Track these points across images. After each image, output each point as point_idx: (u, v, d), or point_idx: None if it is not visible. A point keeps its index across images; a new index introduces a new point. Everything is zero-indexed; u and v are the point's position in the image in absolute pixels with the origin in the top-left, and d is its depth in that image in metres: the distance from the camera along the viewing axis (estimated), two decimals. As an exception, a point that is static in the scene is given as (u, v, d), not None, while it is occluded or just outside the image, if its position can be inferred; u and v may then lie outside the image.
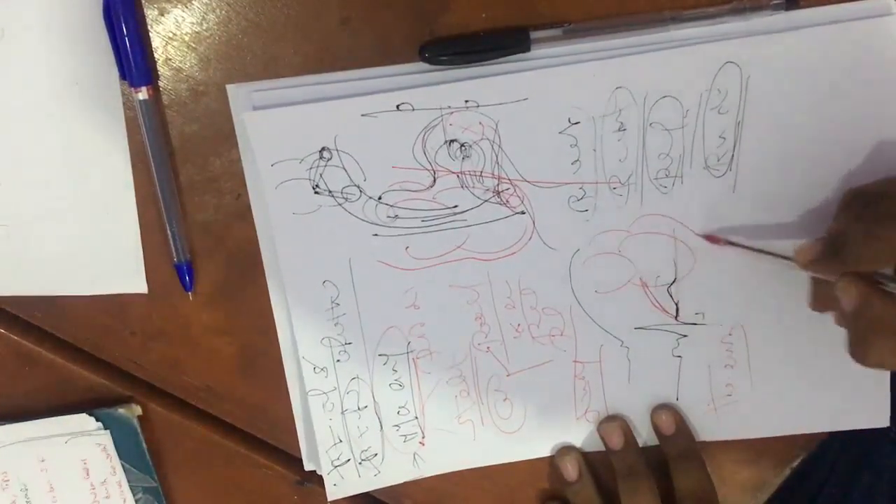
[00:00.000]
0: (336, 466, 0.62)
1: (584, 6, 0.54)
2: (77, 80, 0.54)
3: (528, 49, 0.54)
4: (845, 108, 0.54)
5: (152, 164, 0.56)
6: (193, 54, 0.55)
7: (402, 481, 0.63)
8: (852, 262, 0.49)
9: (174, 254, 0.58)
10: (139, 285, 0.59)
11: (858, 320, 0.49)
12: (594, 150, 0.56)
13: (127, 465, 0.62)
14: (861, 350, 0.49)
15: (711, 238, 0.57)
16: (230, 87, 0.55)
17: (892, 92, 0.54)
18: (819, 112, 0.55)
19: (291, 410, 0.62)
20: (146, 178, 0.56)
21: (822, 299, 0.54)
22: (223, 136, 0.56)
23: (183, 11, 0.54)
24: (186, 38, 0.54)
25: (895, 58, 0.54)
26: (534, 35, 0.53)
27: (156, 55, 0.55)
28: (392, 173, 0.56)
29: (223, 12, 0.54)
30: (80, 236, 0.58)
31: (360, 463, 0.62)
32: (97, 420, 0.60)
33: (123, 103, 0.55)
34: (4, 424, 0.60)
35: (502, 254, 0.58)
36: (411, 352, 0.60)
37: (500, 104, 0.54)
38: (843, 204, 0.53)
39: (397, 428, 0.62)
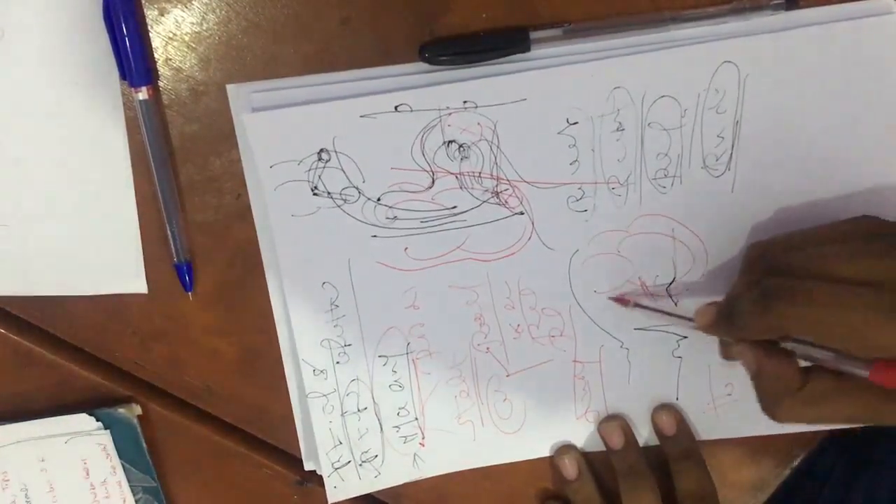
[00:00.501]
0: (336, 469, 0.62)
1: (583, 6, 0.54)
2: (77, 80, 0.54)
3: (527, 49, 0.54)
4: (844, 107, 0.54)
5: (152, 164, 0.56)
6: (193, 54, 0.55)
7: (402, 482, 0.63)
8: (745, 333, 0.49)
9: (174, 254, 0.58)
10: (139, 285, 0.59)
11: (760, 382, 0.50)
12: (593, 151, 0.56)
13: (127, 465, 0.62)
14: (769, 409, 0.49)
15: (619, 300, 0.58)
16: (230, 87, 0.55)
17: (891, 92, 0.54)
18: (817, 111, 0.55)
19: (291, 410, 0.62)
20: (146, 178, 0.56)
21: (728, 353, 0.55)
22: (223, 136, 0.56)
23: (183, 11, 0.54)
24: (186, 38, 0.55)
25: (895, 58, 0.54)
26: (533, 35, 0.53)
27: (156, 55, 0.55)
28: (391, 174, 0.56)
29: (223, 12, 0.54)
30: (80, 236, 0.58)
31: (360, 465, 0.62)
32: (97, 420, 0.60)
33: (123, 103, 0.55)
34: (4, 424, 0.60)
35: (501, 254, 0.58)
36: (411, 352, 0.60)
37: (499, 105, 0.54)
38: (746, 262, 0.53)
39: (397, 429, 0.62)
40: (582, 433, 0.62)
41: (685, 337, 0.60)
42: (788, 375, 0.48)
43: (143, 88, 0.54)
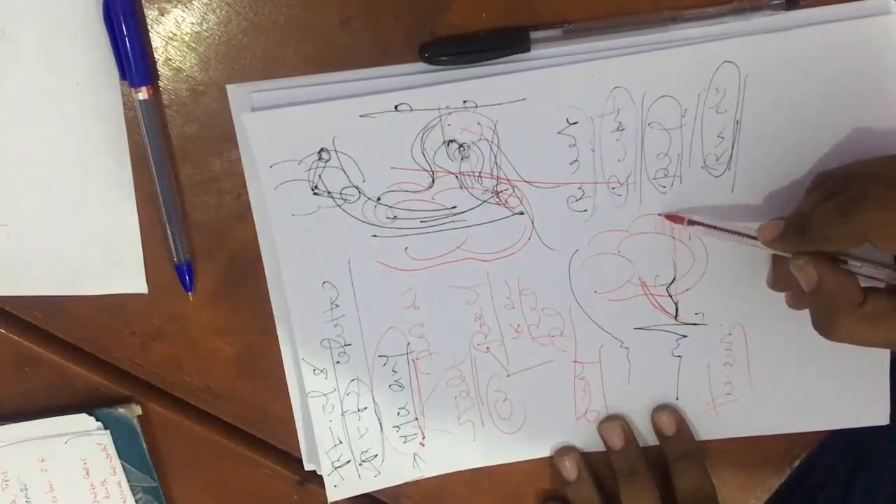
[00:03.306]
0: (336, 468, 0.62)
1: (583, 6, 0.54)
2: (77, 80, 0.55)
3: (527, 49, 0.54)
4: (844, 106, 0.55)
5: (152, 164, 0.56)
6: (193, 54, 0.55)
7: (402, 482, 0.63)
8: (819, 242, 0.49)
9: (174, 254, 0.58)
10: (139, 285, 0.59)
11: (818, 298, 0.49)
12: (593, 151, 0.56)
13: (127, 465, 0.62)
14: (825, 327, 0.49)
15: (673, 218, 0.57)
16: (230, 87, 0.55)
17: (890, 91, 0.54)
18: (817, 111, 0.55)
19: (291, 410, 0.62)
20: (146, 178, 0.56)
21: (780, 279, 0.54)
22: (223, 136, 0.56)
23: (183, 11, 0.54)
24: (186, 38, 0.55)
25: (894, 57, 0.54)
26: (533, 35, 0.53)
27: (156, 55, 0.55)
28: (391, 174, 0.56)
29: (223, 12, 0.54)
30: (80, 236, 0.58)
31: (360, 464, 0.62)
32: (97, 420, 0.60)
33: (123, 103, 0.55)
34: (4, 424, 0.60)
35: (502, 254, 0.58)
36: (411, 352, 0.60)
37: (499, 104, 0.54)
38: (812, 186, 0.53)
39: (397, 429, 0.62)
40: (582, 433, 0.62)
41: (685, 336, 0.60)
42: (850, 290, 0.48)
43: (143, 88, 0.54)
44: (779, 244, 0.52)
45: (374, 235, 0.57)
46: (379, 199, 0.56)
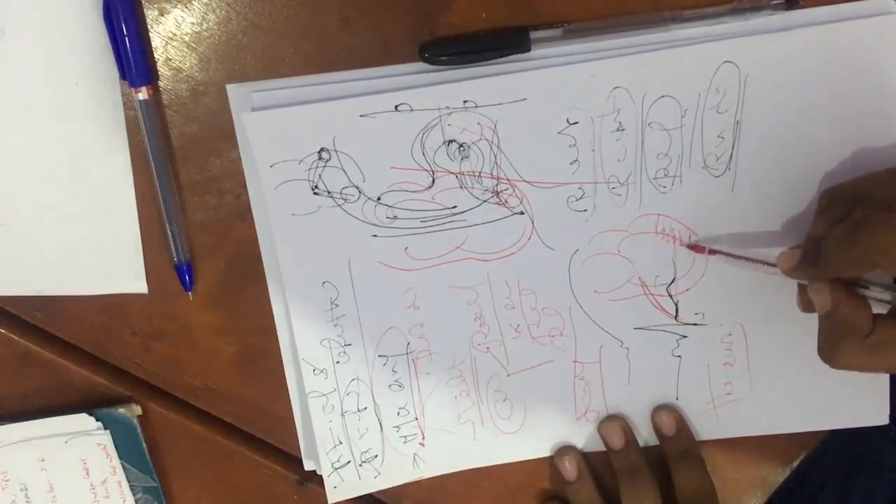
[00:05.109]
0: (336, 468, 0.62)
1: (583, 6, 0.54)
2: (77, 80, 0.55)
3: (528, 49, 0.54)
4: (844, 107, 0.55)
5: (152, 164, 0.56)
6: (193, 54, 0.55)
7: (402, 482, 0.63)
8: (832, 269, 0.49)
9: (174, 254, 0.58)
10: (139, 285, 0.59)
11: (828, 323, 0.50)
12: (593, 150, 0.56)
13: (127, 465, 0.62)
14: (828, 352, 0.49)
15: (694, 247, 0.57)
16: (230, 87, 0.55)
17: (891, 91, 0.54)
18: (817, 111, 0.55)
19: (291, 410, 0.62)
20: (146, 178, 0.56)
21: (807, 302, 0.54)
22: (223, 136, 0.56)
23: (183, 11, 0.54)
24: (186, 38, 0.55)
25: (895, 57, 0.54)
26: (534, 35, 0.53)
27: (156, 55, 0.55)
28: (391, 174, 0.56)
29: (223, 12, 0.54)
30: (80, 236, 0.58)
31: (360, 465, 0.62)
32: (97, 420, 0.60)
33: (123, 103, 0.55)
34: (4, 424, 0.60)
35: (502, 254, 0.58)
36: (411, 352, 0.60)
37: (499, 104, 0.54)
38: (821, 206, 0.53)
39: (397, 429, 0.62)
40: (582, 433, 0.62)
41: (685, 336, 0.60)
42: (860, 319, 0.48)
43: (143, 88, 0.54)
44: (797, 273, 0.52)
45: (374, 235, 0.57)
46: (379, 198, 0.56)
